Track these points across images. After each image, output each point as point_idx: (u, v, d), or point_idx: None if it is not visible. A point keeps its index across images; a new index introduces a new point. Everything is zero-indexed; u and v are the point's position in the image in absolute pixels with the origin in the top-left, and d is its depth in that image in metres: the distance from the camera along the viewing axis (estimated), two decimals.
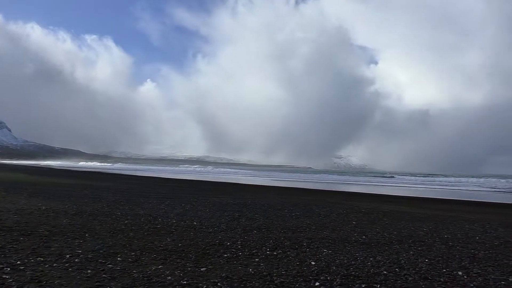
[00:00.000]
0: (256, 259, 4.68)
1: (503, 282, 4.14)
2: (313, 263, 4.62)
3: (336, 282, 3.88)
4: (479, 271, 4.59)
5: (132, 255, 4.56)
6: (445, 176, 69.44)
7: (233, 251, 5.02)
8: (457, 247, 5.99)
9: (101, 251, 4.63)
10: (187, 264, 4.31)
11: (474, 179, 54.21)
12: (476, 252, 5.70)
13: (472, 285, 4.00)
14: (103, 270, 3.86)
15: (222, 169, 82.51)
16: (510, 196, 25.36)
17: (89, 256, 4.38)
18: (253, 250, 5.17)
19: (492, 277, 4.34)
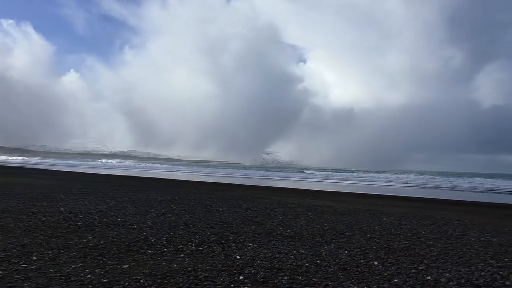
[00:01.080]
0: (181, 255, 4.65)
1: (413, 270, 4.44)
2: (238, 257, 4.68)
3: (260, 275, 3.96)
4: (393, 260, 4.90)
5: (49, 253, 4.34)
6: (367, 171, 72.98)
7: (157, 247, 4.95)
8: (375, 239, 6.34)
9: (14, 250, 4.36)
10: (109, 261, 4.18)
11: (392, 175, 57.54)
12: (391, 243, 6.06)
13: (386, 274, 4.26)
14: (16, 270, 3.64)
15: (148, 164, 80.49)
16: (422, 191, 27.23)
17: (0, 256, 4.10)
18: (179, 246, 5.12)
19: (404, 266, 4.65)
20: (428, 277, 4.19)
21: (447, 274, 4.34)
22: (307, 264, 4.52)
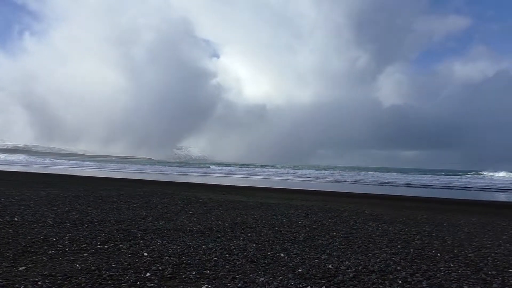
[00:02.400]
0: (85, 254, 4.45)
1: (316, 260, 4.68)
2: (145, 254, 4.59)
3: (168, 272, 3.93)
4: (298, 251, 5.11)
5: None
6: (278, 166, 75.03)
7: (59, 247, 4.69)
8: (282, 232, 6.56)
9: None
10: (3, 264, 3.88)
11: (301, 170, 59.77)
12: (297, 235, 6.32)
13: (291, 264, 4.44)
14: None
15: (51, 160, 75.30)
16: (329, 184, 28.65)
17: None
18: (82, 244, 4.90)
19: (308, 256, 4.88)
20: (330, 266, 4.44)
21: (346, 262, 4.64)
22: (215, 258, 4.56)
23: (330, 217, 8.65)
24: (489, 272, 4.45)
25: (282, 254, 4.91)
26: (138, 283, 3.56)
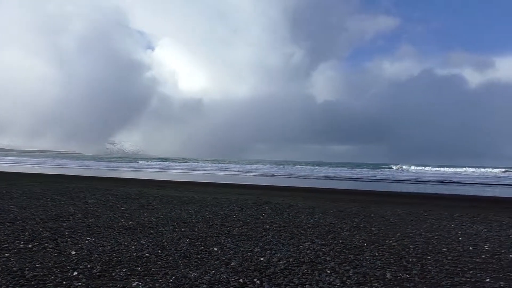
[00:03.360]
0: (6, 254, 4.21)
1: (249, 253, 4.74)
2: (73, 252, 4.42)
3: (96, 270, 3.81)
4: (232, 245, 5.15)
5: None
6: (213, 161, 74.89)
7: None
8: (216, 226, 6.57)
9: None
10: None
11: (237, 164, 60.11)
12: (231, 229, 6.36)
13: (224, 258, 4.47)
14: None
15: None
16: (264, 178, 29.05)
17: None
18: (3, 244, 4.63)
19: (241, 249, 4.93)
20: (262, 258, 4.52)
21: (278, 254, 4.74)
22: (147, 254, 4.49)
23: (264, 210, 8.78)
24: (410, 260, 4.74)
25: (215, 249, 4.92)
26: (64, 282, 3.42)
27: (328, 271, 4.11)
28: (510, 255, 5.12)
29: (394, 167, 61.49)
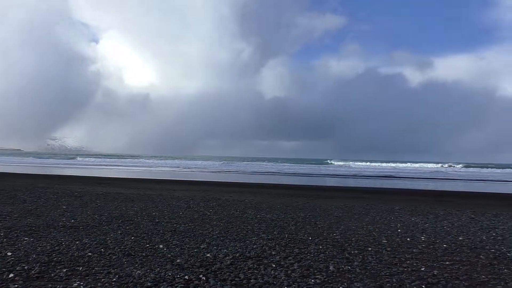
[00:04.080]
0: None
1: (195, 250, 4.73)
2: (9, 253, 4.22)
3: (34, 271, 3.66)
4: (178, 242, 5.11)
5: None
6: (160, 157, 73.65)
7: None
8: (163, 223, 6.50)
9: None
10: None
11: (187, 161, 59.53)
12: (178, 226, 6.31)
13: (169, 255, 4.44)
14: None
15: None
16: (212, 175, 28.96)
17: None
18: None
19: (188, 246, 4.91)
20: (208, 255, 4.52)
21: (224, 250, 4.76)
22: (90, 253, 4.37)
23: (212, 206, 8.77)
24: (352, 252, 4.92)
25: (161, 246, 4.87)
26: None
27: (274, 265, 4.18)
28: (444, 245, 5.42)
29: (334, 163, 62.94)
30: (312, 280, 3.73)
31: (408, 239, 5.81)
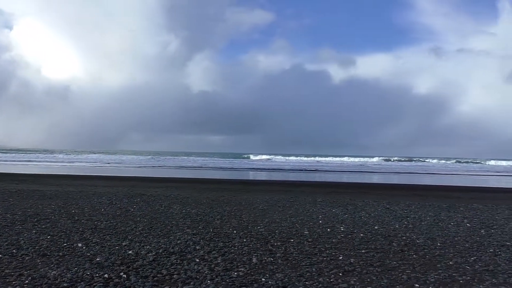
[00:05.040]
0: None
1: (117, 247, 4.60)
2: None
3: None
4: (98, 240, 4.94)
5: None
6: (82, 152, 70.49)
7: None
8: (82, 221, 6.24)
9: None
10: None
11: (110, 155, 57.47)
12: (99, 223, 6.09)
13: (88, 254, 4.28)
14: None
15: None
16: (138, 170, 28.25)
17: None
18: None
19: (108, 244, 4.76)
20: (130, 252, 4.41)
21: (147, 246, 4.68)
22: (0, 255, 4.09)
23: (136, 202, 8.56)
24: (275, 244, 5.04)
25: (80, 244, 4.67)
26: None
27: (197, 260, 4.18)
28: (361, 234, 5.73)
29: (252, 157, 63.07)
30: (235, 273, 3.78)
31: (328, 229, 6.05)
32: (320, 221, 6.76)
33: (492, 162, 61.56)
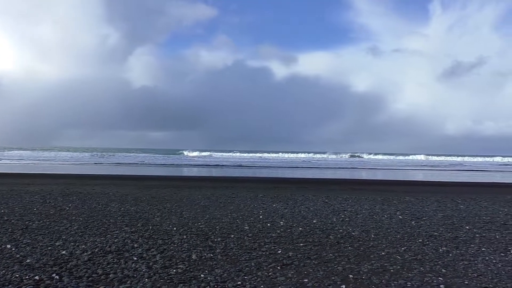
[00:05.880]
0: None
1: (49, 248, 4.42)
2: None
3: None
4: (29, 240, 4.72)
5: None
6: (11, 149, 66.74)
7: None
8: (12, 221, 5.93)
9: None
10: None
11: (44, 152, 54.78)
12: (30, 223, 5.81)
13: (18, 255, 4.07)
14: None
15: None
16: (73, 167, 27.15)
17: None
18: None
19: (41, 244, 4.56)
20: (64, 252, 4.25)
21: (82, 246, 4.52)
22: None
23: (71, 201, 8.24)
24: (215, 239, 5.05)
25: (8, 246, 4.44)
26: None
27: (135, 258, 4.10)
28: (300, 228, 5.86)
29: (188, 153, 61.88)
30: (174, 270, 3.75)
31: (268, 224, 6.15)
32: (261, 216, 6.85)
33: (421, 157, 64.59)
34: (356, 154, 66.27)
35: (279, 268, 3.92)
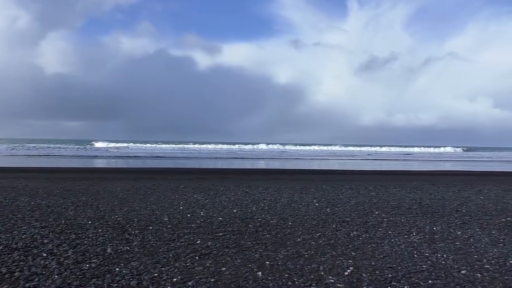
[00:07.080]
0: None
1: None
2: None
3: None
4: None
5: None
6: None
7: None
8: None
9: None
10: None
11: None
12: None
13: None
14: None
15: None
16: None
17: None
18: None
19: None
20: None
21: None
22: None
23: None
24: (133, 232, 4.92)
25: None
26: None
27: (45, 254, 3.89)
28: (220, 218, 5.89)
29: (96, 144, 59.11)
30: (87, 265, 3.60)
31: (188, 215, 6.10)
32: (181, 207, 6.78)
33: (338, 147, 67.42)
34: (277, 144, 67.74)
35: (197, 258, 3.91)
